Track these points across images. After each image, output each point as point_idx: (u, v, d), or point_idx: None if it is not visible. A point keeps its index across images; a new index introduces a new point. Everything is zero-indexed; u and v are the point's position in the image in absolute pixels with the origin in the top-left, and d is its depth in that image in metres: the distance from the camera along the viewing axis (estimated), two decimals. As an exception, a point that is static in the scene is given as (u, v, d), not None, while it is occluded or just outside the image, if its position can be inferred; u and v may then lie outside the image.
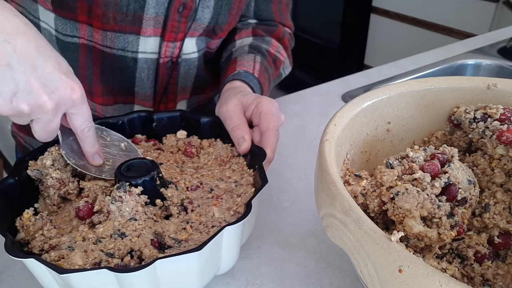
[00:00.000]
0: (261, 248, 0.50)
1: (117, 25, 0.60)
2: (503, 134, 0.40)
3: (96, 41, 0.62)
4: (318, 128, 0.41)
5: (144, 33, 0.61)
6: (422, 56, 1.01)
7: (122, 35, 0.61)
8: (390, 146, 0.47)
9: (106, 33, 0.61)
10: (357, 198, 0.37)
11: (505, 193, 0.40)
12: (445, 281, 0.25)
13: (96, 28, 0.60)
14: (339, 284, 0.46)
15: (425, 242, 0.35)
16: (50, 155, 0.47)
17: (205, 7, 0.63)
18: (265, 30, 0.74)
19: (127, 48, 0.62)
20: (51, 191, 0.45)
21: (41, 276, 0.38)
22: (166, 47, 0.64)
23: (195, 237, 0.42)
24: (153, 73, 0.66)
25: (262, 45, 0.70)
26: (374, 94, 0.44)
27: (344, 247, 0.33)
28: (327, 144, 0.37)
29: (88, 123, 0.44)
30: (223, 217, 0.45)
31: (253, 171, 0.49)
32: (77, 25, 0.60)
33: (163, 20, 0.61)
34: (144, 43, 0.63)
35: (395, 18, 2.21)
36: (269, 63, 0.68)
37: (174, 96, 0.71)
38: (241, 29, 0.74)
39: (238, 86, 0.60)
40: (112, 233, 0.40)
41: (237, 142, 0.51)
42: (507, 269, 0.37)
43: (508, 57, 0.97)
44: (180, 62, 0.68)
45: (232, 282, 0.46)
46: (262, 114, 0.51)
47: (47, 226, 0.41)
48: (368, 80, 0.90)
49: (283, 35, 0.75)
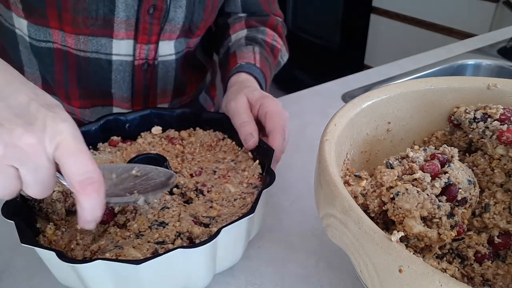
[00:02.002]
0: (261, 248, 0.50)
1: (88, 30, 0.59)
2: (503, 134, 0.40)
3: (70, 46, 0.61)
4: (318, 128, 0.41)
5: (117, 36, 0.61)
6: (422, 56, 1.01)
7: (94, 39, 0.61)
8: (390, 146, 0.47)
9: (78, 37, 0.60)
10: (357, 199, 0.37)
11: (505, 193, 0.40)
12: (445, 281, 0.25)
13: (68, 33, 0.60)
14: (339, 284, 0.46)
15: (425, 242, 0.35)
16: None
17: (177, 7, 0.62)
18: (257, 20, 0.74)
19: (100, 51, 0.62)
20: (57, 205, 0.43)
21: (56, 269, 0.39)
22: (140, 49, 0.63)
23: (225, 212, 0.45)
24: (129, 75, 0.65)
25: (258, 35, 0.70)
26: (374, 94, 0.44)
27: (344, 247, 0.33)
28: (327, 144, 0.37)
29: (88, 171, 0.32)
30: (239, 190, 0.48)
31: (252, 155, 0.52)
32: (50, 31, 0.60)
33: (135, 22, 0.61)
34: (118, 46, 0.62)
35: (395, 18, 2.21)
36: (268, 53, 0.68)
37: (154, 99, 0.70)
38: (234, 23, 0.73)
39: (245, 79, 0.60)
40: (150, 225, 0.41)
41: (244, 138, 0.51)
42: (507, 269, 0.37)
43: (508, 57, 0.97)
44: (157, 65, 0.67)
45: (232, 282, 0.46)
46: (268, 114, 0.51)
47: (79, 235, 0.41)
48: (368, 80, 0.90)
49: (276, 24, 0.75)
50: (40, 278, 0.46)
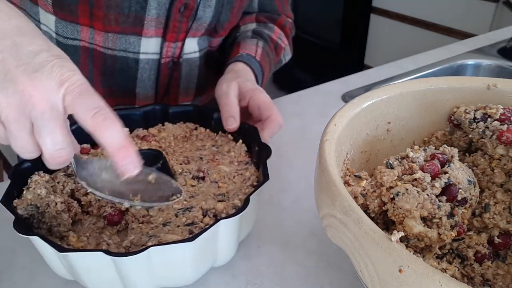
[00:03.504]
0: (261, 248, 0.50)
1: (118, 27, 0.60)
2: (503, 134, 0.40)
3: (97, 43, 0.62)
4: (318, 128, 0.41)
5: (146, 34, 0.61)
6: (422, 56, 1.01)
7: (123, 36, 0.61)
8: (390, 146, 0.47)
9: (107, 35, 0.61)
10: (357, 199, 0.37)
11: (505, 193, 0.40)
12: (445, 281, 0.25)
13: (97, 30, 0.60)
14: (339, 284, 0.46)
15: (425, 242, 0.35)
16: (38, 184, 0.42)
17: (207, 6, 0.63)
18: (267, 17, 0.75)
19: (128, 49, 0.62)
20: (63, 216, 0.42)
21: (47, 255, 0.40)
22: (168, 47, 0.64)
23: (232, 188, 0.48)
24: (154, 73, 0.66)
25: (265, 31, 0.72)
26: (374, 94, 0.44)
27: (344, 247, 0.33)
28: (327, 144, 0.37)
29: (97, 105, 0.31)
30: (233, 169, 0.50)
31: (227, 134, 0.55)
32: (78, 28, 0.60)
33: (165, 20, 0.61)
34: (146, 44, 0.63)
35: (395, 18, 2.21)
36: (271, 49, 0.70)
37: (176, 97, 0.71)
38: (244, 15, 0.75)
39: (241, 69, 0.62)
40: (176, 213, 0.43)
41: (225, 118, 0.52)
42: (507, 269, 0.37)
43: (508, 57, 0.97)
44: (181, 62, 0.68)
45: (232, 282, 0.46)
46: (261, 105, 0.53)
47: (106, 237, 0.42)
48: (368, 80, 0.90)
49: (285, 24, 0.77)
50: (40, 278, 0.46)
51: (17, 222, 0.38)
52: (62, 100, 0.31)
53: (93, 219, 0.45)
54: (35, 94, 0.29)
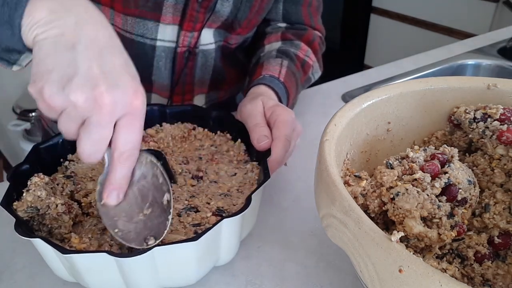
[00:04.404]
0: (261, 248, 0.50)
1: (137, 10, 0.60)
2: (503, 134, 0.40)
3: (117, 25, 0.62)
4: (318, 128, 0.41)
5: (164, 20, 0.62)
6: (422, 56, 1.01)
7: (142, 21, 0.61)
8: (390, 146, 0.47)
9: (126, 18, 0.61)
10: (357, 199, 0.37)
11: (505, 193, 0.40)
12: (445, 281, 0.25)
13: (117, 12, 0.61)
14: (339, 284, 0.46)
15: (425, 242, 0.35)
16: (38, 186, 0.42)
17: (225, 1, 0.63)
18: (294, 34, 0.73)
19: (146, 35, 0.63)
20: (64, 218, 0.42)
21: (48, 257, 0.40)
22: (184, 36, 0.64)
23: (231, 186, 0.48)
24: (170, 62, 0.66)
25: (291, 49, 0.69)
26: (374, 94, 0.44)
27: (344, 247, 0.33)
28: (327, 144, 0.37)
29: (134, 147, 0.36)
30: (232, 167, 0.51)
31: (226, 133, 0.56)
32: (100, 7, 0.60)
33: (182, 8, 0.61)
34: (163, 31, 0.63)
35: (395, 18, 2.21)
36: (297, 67, 0.67)
37: (191, 88, 0.71)
38: (271, 34, 0.73)
39: (263, 91, 0.59)
40: (178, 212, 0.44)
41: (257, 138, 0.49)
42: (507, 269, 0.37)
43: (508, 57, 0.97)
44: (197, 53, 0.68)
45: (232, 282, 0.46)
46: (276, 122, 0.50)
47: (108, 238, 0.42)
48: (368, 80, 0.90)
49: (313, 39, 0.74)
50: (40, 278, 0.46)
51: (18, 225, 0.38)
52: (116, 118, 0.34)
53: (93, 220, 0.44)
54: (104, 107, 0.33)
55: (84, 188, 0.47)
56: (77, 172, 0.49)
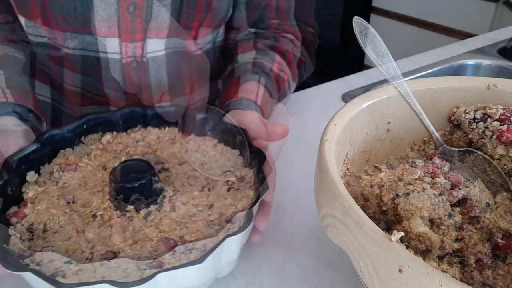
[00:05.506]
0: (261, 248, 0.50)
1: (70, 27, 0.59)
2: (503, 134, 0.40)
3: (59, 42, 0.62)
4: (318, 128, 0.41)
5: (100, 34, 0.60)
6: (422, 56, 1.01)
7: (79, 36, 0.61)
8: (390, 146, 0.47)
9: (65, 34, 0.60)
10: (357, 199, 0.37)
11: (505, 193, 0.40)
12: (445, 281, 0.25)
13: (55, 30, 0.60)
14: (339, 284, 0.46)
15: (425, 244, 0.35)
16: (35, 199, 0.43)
17: (161, 6, 0.61)
18: (266, 44, 0.71)
19: (87, 48, 0.62)
20: (67, 229, 0.42)
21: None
22: (126, 48, 0.63)
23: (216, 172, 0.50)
24: (119, 73, 0.65)
25: (266, 63, 0.67)
26: (374, 94, 0.44)
27: (344, 247, 0.33)
28: (327, 144, 0.37)
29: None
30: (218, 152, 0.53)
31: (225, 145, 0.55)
32: (42, 27, 0.60)
33: (117, 20, 0.60)
34: (103, 43, 0.62)
35: (395, 18, 2.21)
36: (273, 84, 0.66)
37: (149, 97, 0.69)
38: (242, 42, 0.72)
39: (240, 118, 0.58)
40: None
41: (263, 147, 0.51)
42: (507, 269, 0.37)
43: (508, 57, 0.97)
44: (146, 62, 0.66)
45: (232, 282, 0.46)
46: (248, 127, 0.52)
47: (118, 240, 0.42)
48: (368, 80, 0.90)
49: (286, 49, 0.72)
50: (40, 278, 0.46)
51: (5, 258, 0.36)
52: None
53: (95, 229, 0.43)
54: None
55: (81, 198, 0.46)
56: (70, 182, 0.48)
